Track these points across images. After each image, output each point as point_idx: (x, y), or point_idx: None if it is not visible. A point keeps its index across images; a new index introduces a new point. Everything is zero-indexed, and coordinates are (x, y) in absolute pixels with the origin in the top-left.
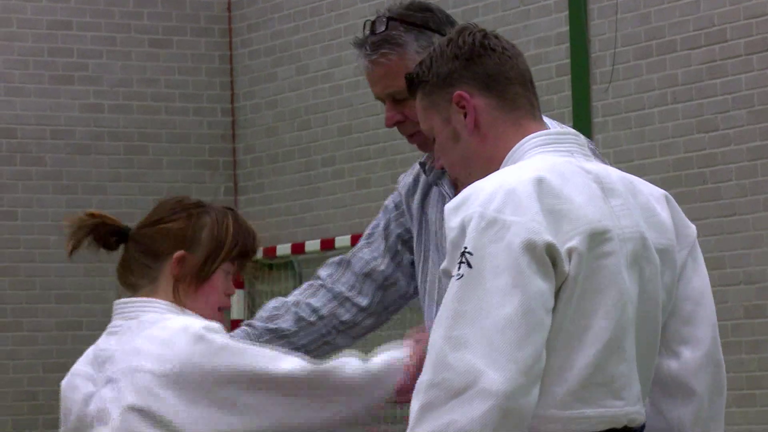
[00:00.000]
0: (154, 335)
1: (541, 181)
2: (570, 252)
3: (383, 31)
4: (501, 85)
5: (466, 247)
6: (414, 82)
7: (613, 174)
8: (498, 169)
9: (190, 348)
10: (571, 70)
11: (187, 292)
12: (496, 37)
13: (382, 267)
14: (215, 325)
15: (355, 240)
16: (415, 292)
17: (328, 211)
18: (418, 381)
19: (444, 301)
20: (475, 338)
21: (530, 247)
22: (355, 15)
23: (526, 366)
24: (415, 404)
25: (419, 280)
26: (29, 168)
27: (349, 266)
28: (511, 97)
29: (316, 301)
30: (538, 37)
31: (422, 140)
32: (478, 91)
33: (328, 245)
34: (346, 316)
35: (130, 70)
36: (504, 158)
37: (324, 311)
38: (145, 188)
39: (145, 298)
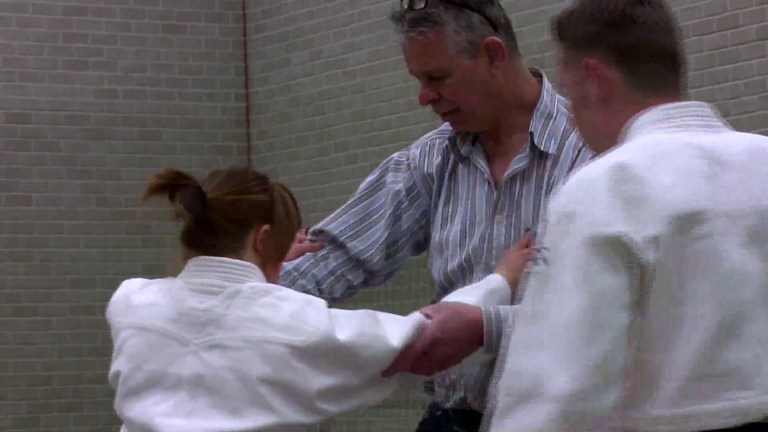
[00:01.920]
0: (279, 306)
1: (622, 167)
2: (651, 240)
3: (423, 8)
4: (636, 60)
5: (544, 243)
6: (556, 32)
7: (739, 144)
8: (616, 145)
9: (323, 321)
10: None
11: (271, 265)
12: (650, 4)
13: (375, 260)
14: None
15: None
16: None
17: (341, 196)
18: (498, 384)
19: (521, 297)
20: (541, 339)
21: (596, 241)
22: (368, 0)
23: (593, 367)
24: (495, 410)
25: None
26: (44, 153)
27: (344, 248)
28: (645, 74)
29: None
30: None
31: (458, 118)
32: (612, 62)
33: None
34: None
35: (144, 55)
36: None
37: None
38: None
39: (246, 263)
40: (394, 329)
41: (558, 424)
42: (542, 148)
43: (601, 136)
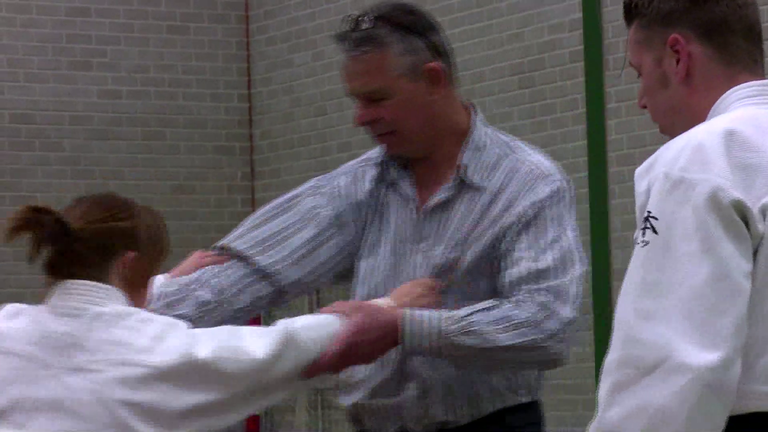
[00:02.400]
0: (140, 328)
1: (732, 133)
2: (764, 210)
3: (368, 28)
4: (722, 35)
5: (650, 212)
6: (631, 11)
7: None
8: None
9: (183, 341)
10: (585, 56)
11: (137, 292)
12: None
13: (283, 275)
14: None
15: None
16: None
17: None
18: (606, 360)
19: (628, 270)
20: (665, 309)
21: (717, 206)
22: (370, 2)
23: (725, 336)
24: (604, 386)
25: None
26: (48, 153)
27: (250, 261)
28: (731, 49)
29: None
30: (551, 24)
31: (393, 141)
32: (696, 38)
33: None
34: (243, 304)
35: (147, 56)
36: (708, 114)
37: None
38: (162, 173)
39: (108, 286)
40: (257, 342)
41: (694, 397)
42: (470, 180)
43: (684, 114)
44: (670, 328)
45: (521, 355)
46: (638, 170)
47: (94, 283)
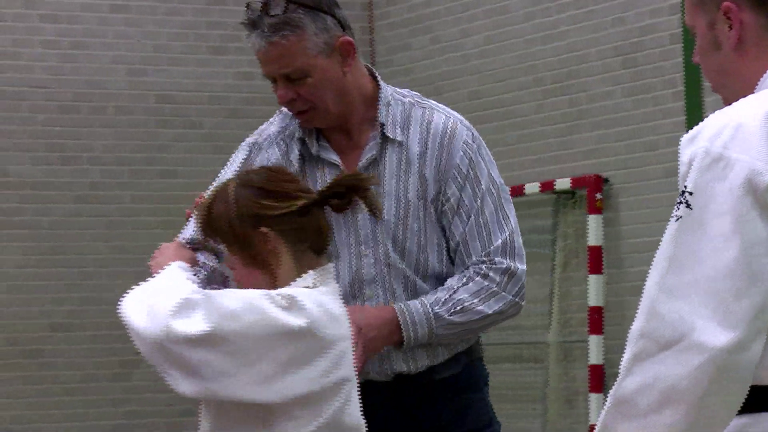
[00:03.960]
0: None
1: None
2: None
3: (281, 13)
4: None
5: (686, 186)
6: None
7: None
8: (751, 92)
9: None
10: (683, 38)
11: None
12: None
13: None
14: None
15: None
16: None
17: None
18: (631, 329)
19: (661, 243)
20: (689, 286)
21: (753, 189)
22: None
23: (745, 318)
24: (626, 354)
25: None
26: (187, 131)
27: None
28: None
29: None
30: (652, 8)
31: (312, 116)
32: (749, 8)
33: None
34: None
35: None
36: (758, 82)
37: None
38: None
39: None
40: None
41: (709, 376)
42: (392, 136)
43: (733, 80)
44: (690, 305)
45: (500, 317)
46: (684, 138)
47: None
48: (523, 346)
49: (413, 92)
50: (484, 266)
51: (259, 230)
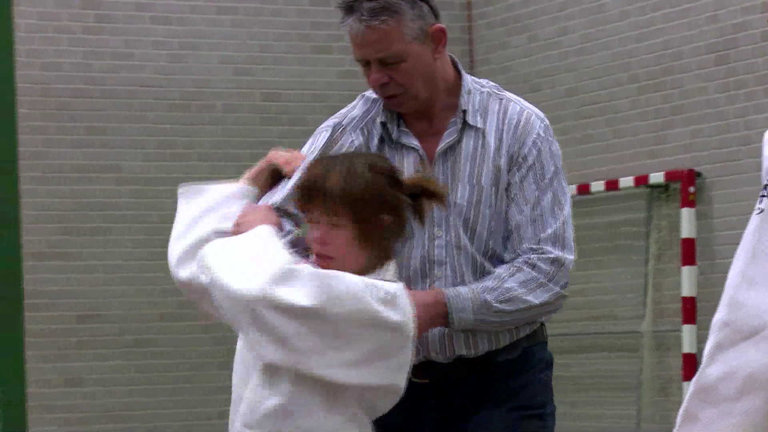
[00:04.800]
0: None
1: None
2: None
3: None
4: None
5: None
6: None
7: None
8: None
9: None
10: None
11: None
12: None
13: None
14: None
15: (581, 190)
16: None
17: None
18: (714, 318)
19: (744, 235)
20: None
21: None
22: None
23: None
24: (708, 343)
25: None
26: (292, 127)
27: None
28: None
29: None
30: (744, 6)
31: (402, 101)
32: None
33: None
34: None
35: None
36: None
37: None
38: None
39: None
40: None
41: None
42: (471, 123)
43: None
44: None
45: (547, 308)
46: (766, 134)
47: None
48: (618, 335)
49: (491, 83)
50: (533, 256)
51: (380, 216)
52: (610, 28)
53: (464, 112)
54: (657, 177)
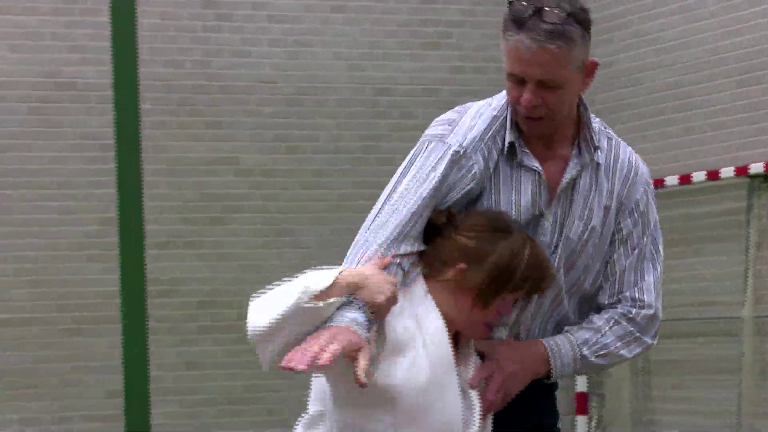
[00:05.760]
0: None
1: None
2: None
3: (560, 23)
4: None
5: None
6: None
7: None
8: None
9: None
10: None
11: (464, 301)
12: None
13: None
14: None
15: (682, 180)
16: None
17: (658, 155)
18: None
19: None
20: None
21: None
22: None
23: None
24: None
25: None
26: (403, 121)
27: None
28: None
29: None
30: None
31: (544, 123)
32: None
33: (657, 183)
34: None
35: (488, 36)
36: None
37: None
38: None
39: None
40: None
41: None
42: (596, 159)
43: None
44: None
45: (636, 357)
46: None
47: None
48: (718, 321)
49: (597, 118)
50: (633, 309)
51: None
52: (709, 23)
53: (596, 148)
54: (757, 167)
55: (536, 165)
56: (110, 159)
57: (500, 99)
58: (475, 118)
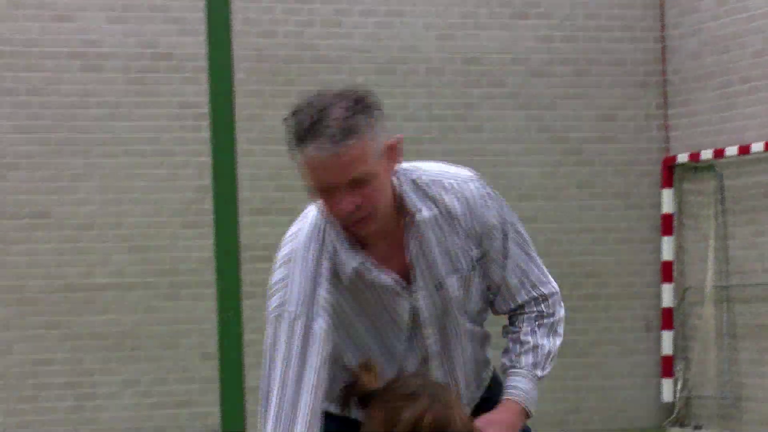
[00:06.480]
0: None
1: None
2: None
3: (344, 121)
4: None
5: None
6: None
7: None
8: None
9: None
10: None
11: None
12: None
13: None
14: None
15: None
16: None
17: (744, 122)
18: None
19: None
20: None
21: None
22: None
23: None
24: None
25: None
26: (493, 89)
27: None
28: None
29: None
30: None
31: (371, 222)
32: None
33: (744, 151)
34: None
35: (576, 6)
36: None
37: None
38: (589, 104)
39: None
40: None
41: None
42: (425, 217)
43: None
44: None
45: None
46: None
47: None
48: None
49: (412, 166)
50: (543, 307)
51: None
52: None
53: (413, 213)
54: None
55: (387, 280)
56: (205, 128)
57: (318, 228)
58: (303, 272)
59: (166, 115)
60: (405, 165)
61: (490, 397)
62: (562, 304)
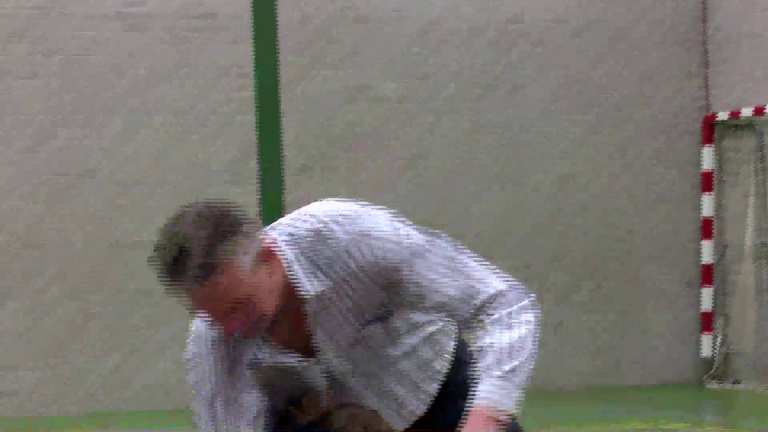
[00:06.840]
0: None
1: None
2: None
3: (208, 250)
4: None
5: None
6: None
7: None
8: None
9: None
10: None
11: None
12: None
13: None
14: None
15: None
16: None
17: None
18: None
19: None
20: None
21: None
22: None
23: None
24: None
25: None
26: (533, 49)
27: None
28: None
29: None
30: None
31: (260, 327)
32: None
33: None
34: None
35: None
36: None
37: None
38: (629, 64)
39: None
40: None
41: None
42: (315, 289)
43: None
44: None
45: (535, 313)
46: None
47: None
48: None
49: (284, 221)
50: (490, 309)
51: None
52: None
53: (306, 298)
54: None
55: (289, 361)
56: (249, 87)
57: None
58: (206, 365)
59: (210, 76)
60: (282, 224)
61: (464, 380)
62: (520, 292)
